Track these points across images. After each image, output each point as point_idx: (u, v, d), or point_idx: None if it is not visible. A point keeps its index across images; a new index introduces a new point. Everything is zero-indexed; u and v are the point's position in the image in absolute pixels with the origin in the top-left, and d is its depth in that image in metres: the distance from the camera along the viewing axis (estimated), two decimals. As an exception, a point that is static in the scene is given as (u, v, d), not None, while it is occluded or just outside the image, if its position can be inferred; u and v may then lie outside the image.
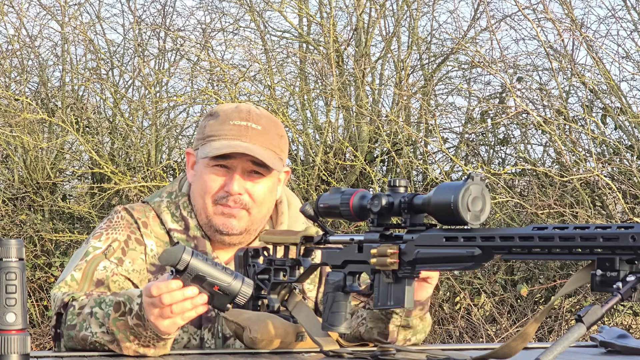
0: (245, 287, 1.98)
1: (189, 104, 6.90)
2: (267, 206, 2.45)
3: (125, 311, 2.07)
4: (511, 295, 6.15)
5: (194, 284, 1.97)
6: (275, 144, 2.42)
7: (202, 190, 2.41)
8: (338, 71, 6.55)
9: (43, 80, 7.02)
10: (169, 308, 1.98)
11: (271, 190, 2.44)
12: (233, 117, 2.40)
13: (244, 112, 2.41)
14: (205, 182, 2.40)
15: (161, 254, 1.99)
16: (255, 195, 2.40)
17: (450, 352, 2.10)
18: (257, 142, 2.39)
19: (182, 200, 2.46)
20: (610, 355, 2.18)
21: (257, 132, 2.39)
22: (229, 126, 2.39)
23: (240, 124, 2.39)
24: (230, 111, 2.42)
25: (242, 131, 2.38)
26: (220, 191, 2.39)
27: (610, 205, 6.23)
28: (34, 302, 6.57)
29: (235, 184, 2.38)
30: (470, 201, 1.84)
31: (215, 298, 1.98)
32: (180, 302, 1.97)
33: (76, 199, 7.33)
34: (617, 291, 1.63)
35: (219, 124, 2.40)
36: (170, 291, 1.96)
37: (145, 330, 2.04)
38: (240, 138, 2.38)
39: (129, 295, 2.09)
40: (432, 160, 6.81)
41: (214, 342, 2.38)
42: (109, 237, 2.40)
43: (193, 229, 2.43)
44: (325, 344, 2.13)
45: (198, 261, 1.96)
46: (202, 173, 2.41)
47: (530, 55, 6.68)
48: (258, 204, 2.41)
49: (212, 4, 7.15)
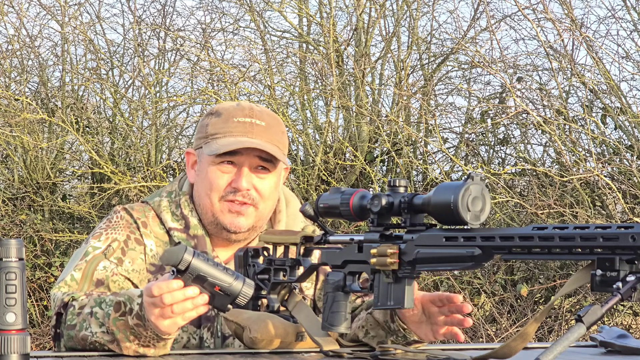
0: (246, 288, 1.98)
1: (189, 104, 6.90)
2: (272, 202, 2.46)
3: (126, 311, 2.07)
4: (511, 295, 6.15)
5: (195, 284, 1.97)
6: (278, 140, 2.44)
7: (208, 188, 2.41)
8: (338, 71, 6.55)
9: (43, 80, 7.02)
10: (170, 308, 1.98)
11: (276, 185, 2.45)
12: (236, 114, 2.41)
13: (247, 110, 2.43)
14: (212, 179, 2.40)
15: (162, 254, 1.99)
16: (262, 191, 2.41)
17: (450, 352, 2.10)
18: (262, 137, 2.40)
19: (183, 199, 2.46)
20: (610, 355, 2.18)
21: (262, 128, 2.41)
22: (233, 123, 2.40)
23: (245, 121, 2.41)
24: (233, 109, 2.43)
25: (248, 127, 2.40)
26: (228, 187, 2.40)
27: (610, 205, 6.23)
28: (34, 302, 6.57)
29: (244, 180, 2.39)
30: (470, 201, 1.84)
31: (216, 298, 1.98)
32: (181, 302, 1.97)
33: (76, 199, 7.33)
34: (617, 291, 1.63)
35: (222, 122, 2.41)
36: (171, 291, 1.96)
37: (146, 330, 2.04)
38: (247, 134, 2.39)
39: (129, 295, 2.09)
40: (432, 160, 6.81)
41: (213, 342, 2.38)
42: (109, 237, 2.40)
43: (194, 228, 2.43)
44: (325, 344, 2.13)
45: (199, 261, 1.95)
46: (208, 171, 2.41)
47: (530, 55, 6.68)
48: (265, 199, 2.42)
49: (212, 4, 7.16)
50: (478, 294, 6.22)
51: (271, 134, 2.42)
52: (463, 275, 6.18)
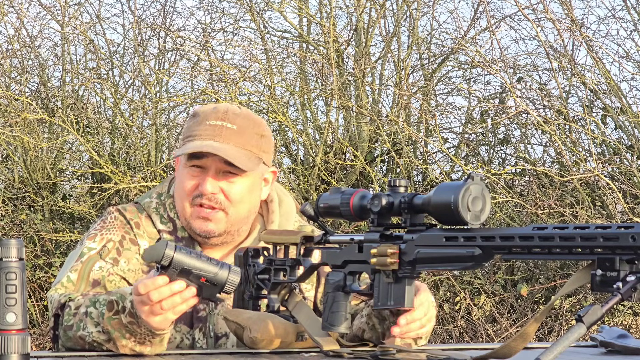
0: (233, 276, 1.97)
1: (189, 104, 6.90)
2: (247, 205, 2.43)
3: (119, 310, 2.07)
4: (511, 295, 6.15)
5: (180, 278, 1.96)
6: (253, 144, 2.40)
7: (180, 190, 2.41)
8: (338, 71, 6.55)
9: (43, 80, 7.02)
10: (159, 305, 1.98)
11: (250, 189, 2.42)
12: (210, 117, 2.40)
13: (221, 112, 2.40)
14: (182, 182, 2.41)
15: (144, 252, 1.99)
16: (231, 195, 2.39)
17: (450, 352, 2.10)
18: (230, 141, 2.37)
19: (169, 202, 2.46)
20: (610, 355, 2.18)
21: (231, 132, 2.38)
22: (204, 126, 2.39)
23: (215, 124, 2.38)
24: (209, 111, 2.41)
25: (217, 131, 2.37)
26: (195, 191, 2.39)
27: (610, 205, 6.23)
28: (34, 302, 6.57)
29: (208, 184, 2.37)
30: (470, 201, 1.84)
31: (204, 289, 1.98)
32: (169, 297, 1.97)
33: (76, 199, 7.33)
34: (617, 291, 1.63)
35: (196, 125, 2.40)
36: (157, 287, 1.96)
37: (139, 328, 2.05)
38: (214, 138, 2.37)
39: (121, 293, 2.09)
40: (432, 160, 6.81)
41: (206, 342, 2.38)
42: (104, 237, 2.40)
43: (181, 230, 2.44)
44: (325, 344, 2.13)
45: (182, 255, 1.95)
46: (180, 174, 2.42)
47: (530, 55, 6.68)
48: (235, 203, 2.40)
49: (212, 4, 7.15)
50: (478, 294, 6.22)
51: (243, 138, 2.38)
52: (463, 275, 6.18)
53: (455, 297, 6.38)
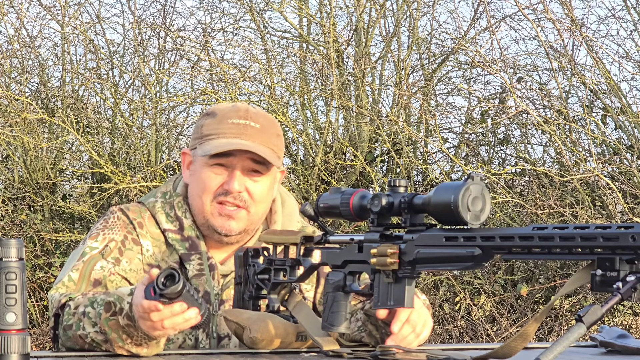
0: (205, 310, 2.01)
1: (189, 104, 6.90)
2: (265, 205, 2.45)
3: (116, 311, 2.07)
4: (511, 295, 6.15)
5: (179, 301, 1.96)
6: (273, 142, 2.42)
7: (200, 189, 2.40)
8: (338, 71, 6.55)
9: (43, 80, 7.02)
10: (160, 323, 1.99)
11: (269, 188, 2.44)
12: (231, 115, 2.40)
13: (242, 111, 2.41)
14: (204, 180, 2.39)
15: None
16: (254, 194, 2.40)
17: (450, 352, 2.10)
18: (256, 140, 2.38)
19: (177, 200, 2.45)
20: (610, 355, 2.18)
21: (256, 131, 2.39)
22: (227, 125, 2.39)
23: (239, 122, 2.39)
24: (228, 110, 2.42)
25: (242, 129, 2.38)
26: (220, 189, 2.39)
27: (610, 205, 6.22)
28: (34, 302, 6.57)
29: (236, 182, 2.37)
30: (470, 201, 1.84)
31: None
32: (169, 318, 1.98)
33: (76, 199, 7.33)
34: (617, 291, 1.62)
35: (216, 123, 2.40)
36: (158, 310, 1.96)
37: (136, 330, 2.05)
38: (240, 136, 2.38)
39: (118, 295, 2.09)
40: (432, 160, 6.81)
41: (209, 342, 2.38)
42: (106, 237, 2.40)
43: (187, 229, 2.42)
44: (325, 344, 2.13)
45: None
46: (201, 172, 2.40)
47: (530, 55, 6.68)
48: (257, 202, 2.41)
49: (212, 4, 7.15)
50: (478, 294, 6.22)
51: (266, 136, 2.40)
52: (463, 275, 6.18)
53: (455, 297, 6.38)
